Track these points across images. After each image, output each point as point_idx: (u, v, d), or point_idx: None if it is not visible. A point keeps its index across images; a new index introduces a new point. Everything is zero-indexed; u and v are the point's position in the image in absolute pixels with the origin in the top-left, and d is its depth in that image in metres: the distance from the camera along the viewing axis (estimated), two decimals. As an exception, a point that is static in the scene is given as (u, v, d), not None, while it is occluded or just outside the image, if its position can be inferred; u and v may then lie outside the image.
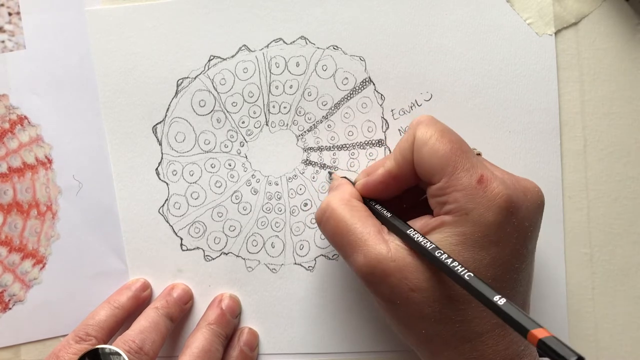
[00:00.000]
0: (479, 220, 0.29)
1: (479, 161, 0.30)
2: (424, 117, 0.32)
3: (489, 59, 0.38)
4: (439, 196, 0.30)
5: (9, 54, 0.40)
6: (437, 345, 0.30)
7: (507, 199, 0.29)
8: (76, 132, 0.40)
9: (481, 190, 0.29)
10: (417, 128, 0.31)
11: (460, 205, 0.29)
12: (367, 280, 0.30)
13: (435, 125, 0.31)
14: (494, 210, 0.29)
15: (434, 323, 0.29)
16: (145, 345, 0.35)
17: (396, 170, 0.32)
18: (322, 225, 0.33)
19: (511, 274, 0.30)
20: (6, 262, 0.41)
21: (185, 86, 0.39)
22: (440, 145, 0.30)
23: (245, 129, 0.40)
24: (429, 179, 0.31)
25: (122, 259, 0.40)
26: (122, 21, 0.39)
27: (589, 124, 0.38)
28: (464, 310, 0.29)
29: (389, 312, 0.31)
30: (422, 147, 0.30)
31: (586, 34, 0.38)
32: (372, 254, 0.30)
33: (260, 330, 0.40)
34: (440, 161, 0.30)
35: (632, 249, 0.38)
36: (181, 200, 0.40)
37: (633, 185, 0.38)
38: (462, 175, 0.29)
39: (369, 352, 0.39)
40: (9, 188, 0.41)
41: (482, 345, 0.29)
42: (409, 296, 0.29)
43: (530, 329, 0.23)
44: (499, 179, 0.30)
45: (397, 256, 0.30)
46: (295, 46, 0.39)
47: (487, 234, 0.29)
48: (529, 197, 0.30)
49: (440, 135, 0.30)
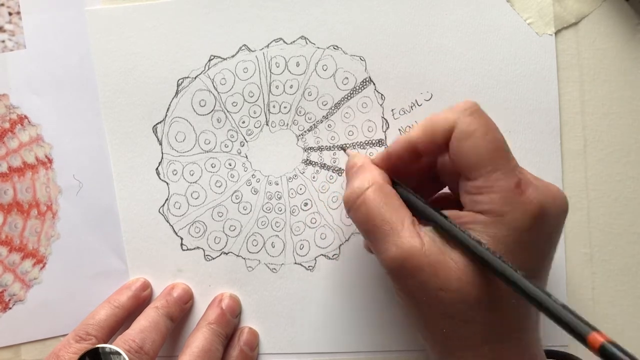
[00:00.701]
0: (513, 225, 0.28)
1: (517, 164, 0.30)
2: (469, 103, 0.30)
3: (489, 59, 0.38)
4: (474, 194, 0.29)
5: (9, 54, 0.40)
6: (454, 345, 0.29)
7: (541, 206, 0.28)
8: (76, 132, 0.40)
9: (518, 195, 0.28)
10: (461, 116, 0.30)
11: (496, 208, 0.28)
12: (396, 273, 0.29)
13: (480, 117, 0.30)
14: (529, 217, 0.28)
15: (457, 323, 0.29)
16: (145, 344, 0.35)
17: (420, 144, 0.31)
18: (353, 210, 0.31)
19: (533, 281, 0.29)
20: (6, 261, 0.41)
21: (186, 86, 0.39)
22: (484, 143, 0.29)
23: (246, 129, 0.40)
24: (466, 174, 0.29)
25: (122, 258, 0.40)
26: (122, 21, 0.39)
27: (589, 124, 0.38)
28: (490, 315, 0.29)
29: (412, 307, 0.30)
30: (465, 140, 0.29)
31: (586, 34, 0.38)
32: (406, 246, 0.29)
33: (260, 330, 0.40)
34: (482, 159, 0.29)
35: (632, 249, 0.38)
36: (181, 200, 0.40)
37: (633, 185, 0.38)
38: (501, 177, 0.28)
39: (369, 352, 0.39)
40: (9, 188, 0.41)
41: (501, 349, 0.29)
42: (437, 295, 0.28)
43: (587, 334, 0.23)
44: (533, 185, 0.29)
45: (431, 251, 0.29)
46: (296, 46, 0.39)
47: (519, 240, 0.28)
48: (557, 203, 0.30)
49: (485, 130, 0.29)
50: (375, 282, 0.39)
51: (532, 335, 0.30)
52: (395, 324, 0.39)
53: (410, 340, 0.39)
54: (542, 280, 0.31)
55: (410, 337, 0.39)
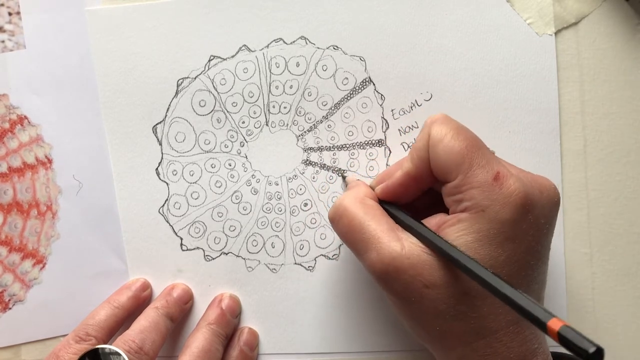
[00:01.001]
0: (495, 217, 0.29)
1: (494, 157, 0.30)
2: (438, 115, 0.32)
3: (489, 59, 0.38)
4: (454, 194, 0.30)
5: (9, 54, 0.40)
6: (451, 342, 0.30)
7: (523, 195, 0.29)
8: (76, 132, 0.40)
9: (497, 187, 0.29)
10: (431, 126, 0.31)
11: (477, 202, 0.29)
12: (380, 278, 0.30)
13: (449, 123, 0.31)
14: (510, 207, 0.29)
15: (448, 320, 0.29)
16: (145, 345, 0.35)
17: (414, 171, 0.32)
18: (335, 223, 0.33)
19: (526, 271, 0.30)
20: (6, 262, 0.41)
21: (186, 86, 0.39)
22: (455, 143, 0.30)
23: (246, 129, 0.40)
24: (445, 177, 0.30)
25: (122, 259, 0.40)
26: (122, 21, 0.39)
27: (589, 124, 0.38)
28: (479, 307, 0.29)
29: (403, 309, 0.31)
30: (437, 145, 0.30)
31: (586, 34, 0.38)
32: (386, 251, 0.30)
33: (260, 330, 0.40)
34: (456, 158, 0.30)
35: (632, 249, 0.38)
36: (181, 200, 0.40)
37: (633, 185, 0.38)
38: (478, 172, 0.29)
39: (369, 352, 0.39)
40: (9, 188, 0.41)
41: (497, 342, 0.29)
42: (423, 293, 0.29)
43: (546, 321, 0.23)
44: (514, 176, 0.29)
45: (411, 253, 0.29)
46: (295, 46, 0.39)
47: (503, 231, 0.29)
48: (545, 194, 0.30)
49: (456, 132, 0.30)
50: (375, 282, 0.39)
51: (529, 330, 0.30)
52: (395, 324, 0.39)
53: (410, 340, 0.39)
54: (538, 272, 0.31)
55: (410, 337, 0.39)
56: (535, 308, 0.24)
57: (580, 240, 0.38)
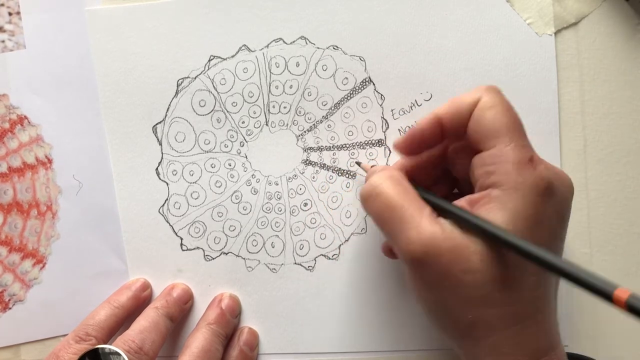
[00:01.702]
0: (526, 198, 0.29)
1: (530, 144, 0.31)
2: (493, 86, 0.32)
3: (489, 59, 0.38)
4: (488, 164, 0.30)
5: (9, 54, 0.40)
6: (482, 331, 0.29)
7: (549, 181, 0.29)
8: (76, 132, 0.40)
9: (531, 169, 0.29)
10: (484, 92, 0.31)
11: (510, 178, 0.29)
12: (417, 260, 0.29)
13: (503, 96, 0.31)
14: (540, 190, 0.29)
15: (481, 306, 0.29)
16: (145, 345, 0.35)
17: (444, 116, 0.32)
18: (370, 201, 0.32)
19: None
20: (6, 262, 0.41)
21: (186, 86, 0.39)
22: (505, 114, 0.30)
23: (245, 129, 0.40)
24: (481, 143, 0.30)
25: (122, 259, 0.40)
26: (122, 21, 0.39)
27: (589, 124, 0.38)
28: (512, 294, 0.29)
29: (435, 296, 0.30)
30: (488, 109, 0.30)
31: (586, 34, 0.38)
32: (426, 232, 0.29)
33: (260, 330, 0.40)
34: (501, 128, 0.30)
35: (632, 249, 0.38)
36: (181, 200, 0.40)
37: (633, 185, 0.38)
38: (516, 149, 0.29)
39: (369, 352, 0.39)
40: (9, 188, 0.41)
41: (527, 330, 0.29)
42: (460, 278, 0.29)
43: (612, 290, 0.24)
44: (544, 164, 0.30)
45: (453, 236, 0.29)
46: (295, 46, 0.39)
47: (535, 213, 0.29)
48: (565, 183, 0.31)
49: (508, 107, 0.31)
50: (375, 282, 0.39)
51: (552, 318, 0.30)
52: (395, 324, 0.39)
53: (411, 340, 0.39)
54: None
55: (411, 337, 0.39)
56: (597, 279, 0.25)
57: (580, 240, 0.38)
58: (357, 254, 0.39)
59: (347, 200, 0.39)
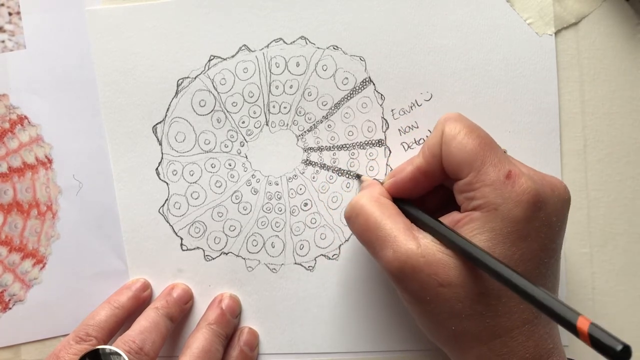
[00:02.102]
0: (508, 215, 0.29)
1: (506, 156, 0.31)
2: (452, 114, 0.32)
3: (489, 59, 0.38)
4: (466, 191, 0.30)
5: (9, 54, 0.40)
6: (467, 342, 0.30)
7: (535, 194, 0.29)
8: (76, 132, 0.40)
9: (509, 185, 0.29)
10: (445, 124, 0.31)
11: (489, 200, 0.29)
12: (396, 276, 0.30)
13: (463, 121, 0.31)
14: (523, 205, 0.29)
15: (464, 319, 0.29)
16: (145, 345, 0.35)
17: (425, 166, 0.32)
18: (351, 221, 0.33)
19: (540, 269, 0.30)
20: (6, 262, 0.41)
21: (186, 86, 0.39)
22: (468, 140, 0.30)
23: (246, 129, 0.40)
24: (457, 174, 0.31)
25: (122, 259, 0.40)
26: (122, 21, 0.39)
27: (589, 124, 0.38)
28: (495, 306, 0.29)
29: (419, 308, 0.31)
30: (451, 141, 0.31)
31: (586, 34, 0.38)
32: (402, 249, 0.30)
33: (260, 330, 0.40)
34: (469, 155, 0.30)
35: (632, 249, 0.38)
36: (181, 200, 0.40)
37: (633, 185, 0.38)
38: (490, 170, 0.29)
39: (369, 352, 0.39)
40: (9, 188, 0.41)
41: (512, 342, 0.29)
42: (438, 292, 0.29)
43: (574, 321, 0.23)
44: (526, 175, 0.30)
45: (427, 252, 0.30)
46: (296, 46, 0.39)
47: (517, 229, 0.29)
48: (556, 193, 0.31)
49: (469, 130, 0.31)
50: (375, 282, 0.39)
51: (543, 328, 0.30)
52: (395, 324, 0.39)
53: (411, 340, 0.39)
54: (551, 270, 0.31)
55: (410, 337, 0.39)
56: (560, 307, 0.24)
57: (580, 240, 0.38)
58: (357, 254, 0.39)
59: (347, 200, 0.39)
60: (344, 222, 0.39)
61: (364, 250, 0.39)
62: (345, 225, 0.39)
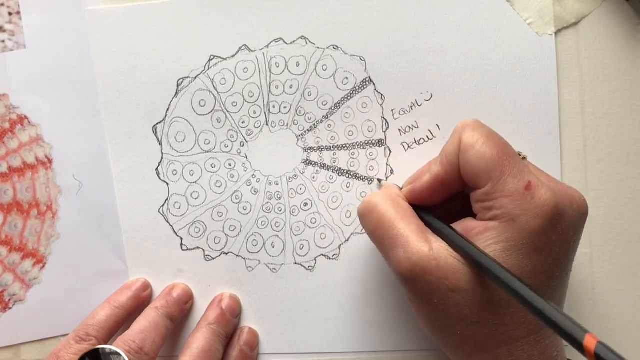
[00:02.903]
0: (526, 227, 0.28)
1: (525, 166, 0.30)
2: (470, 120, 0.31)
3: (489, 59, 0.38)
4: (484, 201, 0.30)
5: (9, 54, 0.40)
6: (471, 348, 0.30)
7: (554, 206, 0.28)
8: (76, 132, 0.40)
9: (529, 197, 0.28)
10: (463, 132, 0.31)
11: (507, 211, 0.29)
12: (405, 277, 0.30)
13: (481, 128, 0.31)
14: (541, 218, 0.28)
15: (470, 325, 0.29)
16: (145, 345, 0.35)
17: (443, 175, 0.32)
18: (364, 217, 0.33)
19: (550, 282, 0.29)
20: (6, 261, 0.41)
21: (186, 86, 0.39)
22: (486, 149, 0.30)
23: (246, 129, 0.40)
24: (475, 184, 0.30)
25: (122, 258, 0.40)
26: (122, 21, 0.39)
27: (589, 124, 0.38)
28: (503, 315, 0.29)
29: (425, 310, 0.31)
30: (469, 150, 0.30)
31: (586, 34, 0.38)
32: (414, 250, 0.29)
33: (260, 330, 0.40)
34: (487, 165, 0.29)
35: (632, 249, 0.38)
36: (181, 200, 0.40)
37: (633, 185, 0.38)
38: (509, 181, 0.29)
39: (369, 352, 0.39)
40: (9, 188, 0.41)
41: (517, 350, 0.29)
42: (447, 296, 0.29)
43: (582, 339, 0.23)
44: (546, 186, 0.29)
45: (439, 255, 0.29)
46: (296, 46, 0.39)
47: (532, 241, 0.28)
48: (575, 206, 0.30)
49: (487, 139, 0.30)
50: (375, 282, 0.39)
51: (550, 338, 0.30)
52: (395, 324, 0.39)
53: (411, 341, 0.39)
54: (561, 283, 0.30)
55: (411, 337, 0.39)
56: (568, 324, 0.24)
57: (580, 240, 0.38)
58: (357, 254, 0.39)
59: (347, 200, 0.39)
60: (344, 222, 0.39)
61: (364, 251, 0.39)
62: (345, 225, 0.39)
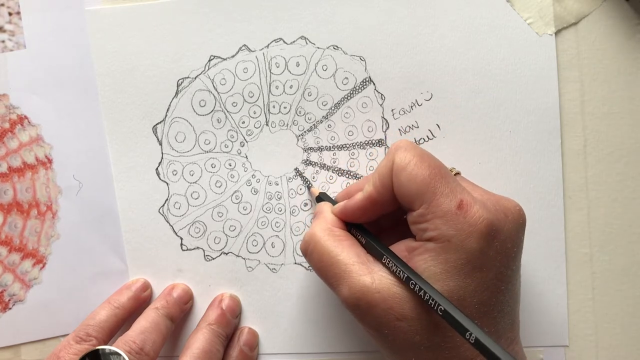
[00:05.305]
0: (462, 247, 0.28)
1: (458, 185, 0.30)
2: (403, 142, 0.31)
3: (489, 59, 0.38)
4: (419, 223, 0.30)
5: (9, 54, 0.40)
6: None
7: (488, 223, 0.29)
8: (76, 132, 0.40)
9: (461, 216, 0.28)
10: (395, 153, 0.31)
11: (442, 232, 0.29)
12: (353, 312, 0.30)
13: (413, 149, 0.31)
14: (476, 236, 0.28)
15: (424, 351, 0.29)
16: (145, 345, 0.35)
17: (375, 195, 0.32)
18: (308, 257, 0.33)
19: (497, 297, 0.30)
20: (6, 262, 0.41)
21: (186, 86, 0.39)
22: (418, 171, 0.30)
23: (246, 129, 0.40)
24: (409, 205, 0.30)
25: (122, 259, 0.40)
26: (122, 21, 0.39)
27: (589, 124, 0.38)
28: (452, 337, 0.29)
29: (379, 341, 0.31)
30: (401, 172, 0.30)
31: (586, 34, 0.38)
32: (357, 285, 0.30)
33: (260, 330, 0.40)
34: (419, 187, 0.29)
35: (632, 249, 0.38)
36: (181, 200, 0.40)
37: (633, 185, 0.38)
38: (442, 201, 0.29)
39: (369, 352, 0.39)
40: (9, 188, 0.41)
41: None
42: (396, 326, 0.29)
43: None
44: (479, 203, 0.29)
45: (382, 287, 0.29)
46: (296, 46, 0.39)
47: (470, 260, 0.28)
48: (510, 218, 0.30)
49: (419, 160, 0.30)
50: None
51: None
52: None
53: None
54: (509, 295, 0.31)
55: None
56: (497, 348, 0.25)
57: (580, 240, 0.38)
58: (357, 254, 0.39)
59: (347, 200, 0.39)
60: (344, 222, 0.39)
61: (364, 250, 0.39)
62: (345, 225, 0.39)
